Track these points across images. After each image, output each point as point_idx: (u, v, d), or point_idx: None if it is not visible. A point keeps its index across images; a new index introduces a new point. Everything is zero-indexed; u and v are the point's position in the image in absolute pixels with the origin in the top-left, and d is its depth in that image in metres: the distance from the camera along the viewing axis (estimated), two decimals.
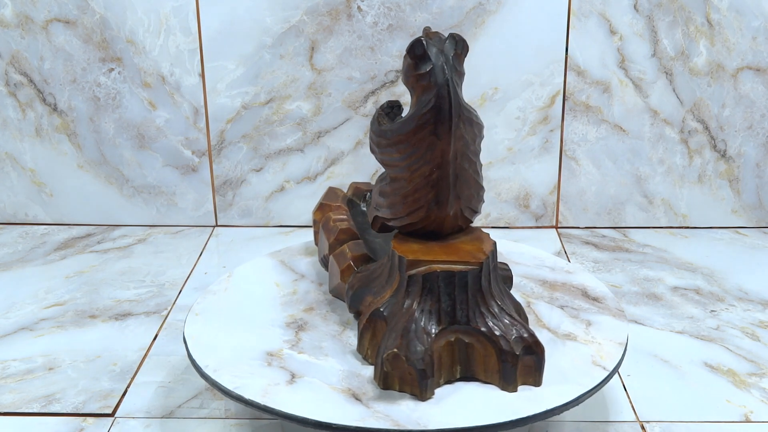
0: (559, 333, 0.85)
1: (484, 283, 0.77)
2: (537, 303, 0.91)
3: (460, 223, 0.83)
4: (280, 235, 1.39)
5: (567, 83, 1.33)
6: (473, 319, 0.77)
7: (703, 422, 0.90)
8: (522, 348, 0.76)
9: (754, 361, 1.02)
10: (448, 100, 0.76)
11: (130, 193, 1.41)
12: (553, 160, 1.38)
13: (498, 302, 0.78)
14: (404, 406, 0.74)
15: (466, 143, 0.79)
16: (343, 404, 0.75)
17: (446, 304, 0.77)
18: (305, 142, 1.37)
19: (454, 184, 0.79)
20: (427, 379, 0.74)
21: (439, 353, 0.76)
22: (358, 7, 1.30)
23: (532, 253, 1.04)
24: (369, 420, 0.73)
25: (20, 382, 0.97)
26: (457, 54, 0.78)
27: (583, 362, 0.80)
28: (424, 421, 0.72)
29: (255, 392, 0.77)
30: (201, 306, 0.92)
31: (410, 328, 0.75)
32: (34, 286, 1.21)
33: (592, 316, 0.89)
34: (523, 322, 0.79)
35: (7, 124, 1.38)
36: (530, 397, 0.75)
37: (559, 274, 0.98)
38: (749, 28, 1.31)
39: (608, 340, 0.84)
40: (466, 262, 0.77)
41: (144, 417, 0.91)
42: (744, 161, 1.38)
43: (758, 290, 1.20)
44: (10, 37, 1.33)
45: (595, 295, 0.93)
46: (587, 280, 0.97)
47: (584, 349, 0.82)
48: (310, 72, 1.34)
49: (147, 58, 1.33)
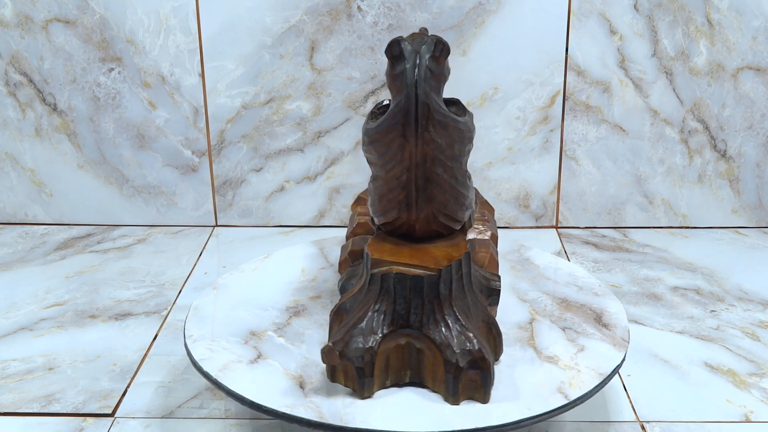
0: (543, 354, 0.83)
1: (443, 291, 0.76)
2: (541, 321, 0.89)
3: (435, 227, 0.81)
4: (280, 235, 1.39)
5: (567, 83, 1.33)
6: (426, 325, 0.76)
7: (703, 422, 0.90)
8: (467, 362, 0.74)
9: (754, 361, 1.02)
10: (415, 102, 0.75)
11: (130, 193, 1.41)
12: (553, 160, 1.38)
13: (457, 312, 0.76)
14: (340, 402, 0.75)
15: (439, 147, 0.77)
16: (285, 390, 0.77)
17: (401, 306, 0.76)
18: (305, 142, 1.37)
19: (423, 187, 0.78)
20: (365, 377, 0.75)
21: (387, 355, 0.76)
22: (358, 7, 1.30)
23: (569, 269, 1.01)
24: (298, 408, 0.74)
25: (20, 382, 0.97)
26: (435, 56, 0.76)
27: (548, 387, 0.77)
28: (349, 418, 0.73)
29: (215, 366, 0.81)
30: (224, 281, 0.98)
31: (359, 325, 0.76)
32: (34, 286, 1.21)
33: (590, 342, 0.85)
34: (479, 336, 0.76)
35: (7, 124, 1.38)
36: (468, 413, 0.74)
37: (584, 295, 0.95)
38: (749, 28, 1.31)
39: (590, 368, 0.80)
40: (425, 267, 0.77)
41: (144, 417, 0.91)
42: (744, 161, 1.38)
43: (758, 290, 1.20)
44: (10, 37, 1.33)
45: (607, 322, 0.89)
46: (610, 304, 0.92)
47: (558, 374, 0.80)
48: (310, 72, 1.34)
49: (147, 58, 1.33)
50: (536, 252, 1.05)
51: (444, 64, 0.77)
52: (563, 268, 1.01)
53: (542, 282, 0.97)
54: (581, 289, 0.96)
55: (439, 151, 0.77)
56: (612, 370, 0.81)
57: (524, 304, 0.92)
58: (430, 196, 0.79)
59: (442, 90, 0.78)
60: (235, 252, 1.33)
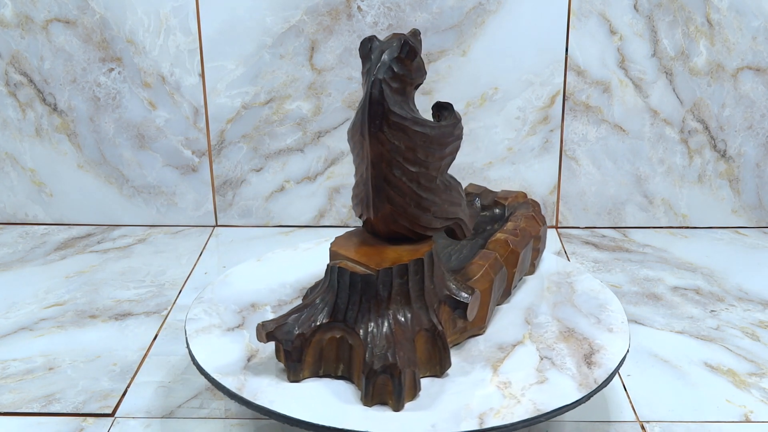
0: (498, 378, 0.79)
1: (381, 292, 0.76)
2: (526, 346, 0.85)
3: (395, 229, 0.80)
4: (280, 235, 1.39)
5: (567, 83, 1.34)
6: (359, 323, 0.77)
7: (703, 422, 0.90)
8: (381, 366, 0.74)
9: (754, 361, 1.02)
10: (369, 101, 0.76)
11: (130, 193, 1.41)
12: (553, 160, 1.38)
13: (391, 315, 0.76)
14: (267, 380, 0.78)
15: (397, 149, 0.77)
16: (233, 359, 0.81)
17: (341, 300, 0.77)
18: (305, 142, 1.37)
19: (380, 187, 0.78)
20: (292, 361, 0.77)
21: (322, 345, 0.77)
22: (358, 7, 1.30)
23: (604, 299, 0.93)
24: (227, 378, 0.78)
25: (20, 382, 0.97)
26: (399, 57, 0.76)
27: (470, 411, 0.74)
28: (260, 395, 0.76)
29: (193, 329, 0.86)
30: (266, 257, 1.02)
31: (300, 311, 0.78)
32: (34, 286, 1.21)
33: (557, 377, 0.80)
34: (405, 344, 0.76)
35: (7, 124, 1.38)
36: (371, 416, 0.74)
37: (596, 329, 0.88)
38: (749, 28, 1.31)
39: (532, 402, 0.76)
40: (368, 266, 0.77)
41: (144, 417, 0.91)
42: (744, 161, 1.38)
43: (758, 290, 1.20)
44: (10, 37, 1.33)
45: (595, 360, 0.82)
46: (614, 344, 0.85)
47: (494, 400, 0.76)
48: (310, 72, 1.34)
49: (147, 58, 1.33)
50: (584, 278, 0.98)
51: (410, 65, 0.77)
52: (600, 298, 0.94)
53: (564, 308, 0.92)
54: (599, 322, 0.89)
55: (396, 153, 0.77)
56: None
57: (526, 326, 0.89)
58: (387, 197, 0.78)
59: (408, 91, 0.77)
60: (235, 252, 1.33)
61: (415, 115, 0.77)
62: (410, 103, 0.78)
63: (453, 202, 0.82)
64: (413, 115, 0.77)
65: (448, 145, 0.79)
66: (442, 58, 1.32)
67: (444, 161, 0.80)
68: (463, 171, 1.38)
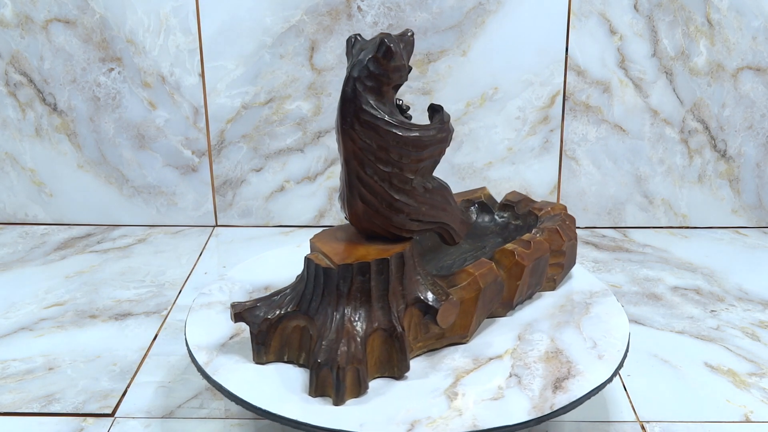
0: (443, 388, 0.78)
1: (341, 287, 0.77)
2: (499, 361, 0.82)
3: (368, 226, 0.81)
4: (280, 235, 1.39)
5: (567, 83, 1.34)
6: (318, 314, 0.78)
7: (703, 422, 0.90)
8: (324, 359, 0.75)
9: (754, 361, 1.02)
10: (341, 98, 0.77)
11: (130, 193, 1.41)
12: (553, 160, 1.38)
13: (347, 311, 0.77)
14: (235, 359, 0.81)
15: (367, 148, 0.77)
16: (214, 335, 0.85)
17: (308, 291, 0.79)
18: (305, 142, 1.37)
19: (353, 185, 0.79)
20: (257, 344, 0.79)
21: (288, 332, 0.80)
22: (358, 7, 1.30)
23: (611, 324, 0.88)
24: (200, 352, 0.82)
25: (20, 382, 0.97)
26: (375, 56, 0.76)
27: (402, 417, 0.74)
28: (219, 372, 0.79)
29: (199, 303, 0.90)
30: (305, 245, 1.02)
31: (273, 297, 0.81)
32: (34, 286, 1.21)
33: (513, 394, 0.77)
34: (352, 340, 0.76)
35: (7, 124, 1.38)
36: (307, 407, 0.74)
37: (584, 355, 0.83)
38: (749, 28, 1.31)
39: (470, 411, 0.74)
40: (332, 260, 0.78)
41: (144, 417, 0.91)
42: (744, 161, 1.38)
43: (758, 290, 1.20)
44: (10, 37, 1.33)
45: (565, 386, 0.78)
46: (595, 372, 0.80)
47: (432, 410, 0.75)
48: (310, 72, 1.34)
49: (147, 58, 1.33)
50: (606, 300, 0.93)
51: (386, 65, 0.76)
52: (611, 322, 0.88)
53: (565, 328, 0.88)
54: (594, 347, 0.84)
55: (368, 152, 0.77)
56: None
57: (514, 341, 0.85)
58: (360, 195, 0.79)
59: (385, 91, 0.77)
60: (235, 252, 1.33)
61: (389, 116, 0.77)
62: (387, 103, 0.78)
63: (434, 206, 0.81)
64: (387, 115, 0.77)
65: (425, 148, 0.79)
66: (442, 58, 1.32)
67: (422, 164, 0.79)
68: (463, 171, 1.38)
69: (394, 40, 0.77)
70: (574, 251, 0.96)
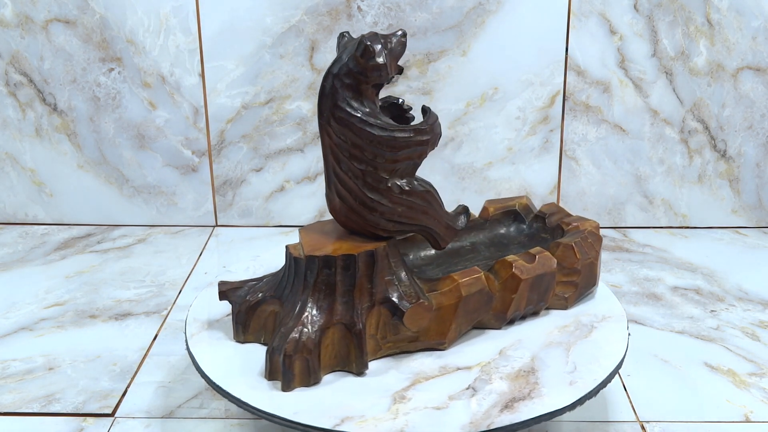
0: (392, 392, 0.78)
1: (308, 278, 0.79)
2: (465, 372, 0.81)
3: (344, 221, 0.82)
4: (280, 235, 1.39)
5: (567, 83, 1.34)
6: (287, 302, 0.81)
7: (703, 422, 0.90)
8: (277, 345, 0.77)
9: (754, 361, 1.02)
10: (320, 93, 0.79)
11: (130, 193, 1.41)
12: (553, 160, 1.38)
13: (309, 302, 0.78)
14: (217, 335, 0.85)
15: (342, 145, 0.78)
16: (211, 314, 0.89)
17: (284, 279, 0.82)
18: (305, 142, 1.37)
19: (330, 180, 0.81)
20: (237, 323, 0.83)
21: (265, 316, 0.83)
22: (358, 7, 1.30)
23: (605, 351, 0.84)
24: (191, 325, 0.87)
25: (20, 382, 0.97)
26: (354, 55, 0.77)
27: (335, 413, 0.74)
28: (197, 349, 0.83)
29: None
30: None
31: (255, 283, 0.85)
32: (34, 286, 1.21)
33: (458, 406, 0.76)
34: (307, 329, 0.77)
35: (7, 124, 1.38)
36: (252, 386, 0.77)
37: (557, 379, 0.79)
38: (749, 28, 1.31)
39: (408, 416, 0.74)
40: (304, 251, 0.80)
41: (144, 417, 0.91)
42: (744, 161, 1.38)
43: (758, 290, 1.20)
44: (10, 37, 1.33)
45: (516, 407, 0.75)
46: (556, 397, 0.77)
47: (368, 411, 0.75)
48: (310, 72, 1.34)
49: (147, 58, 1.33)
50: (614, 326, 0.88)
51: (365, 64, 0.76)
52: (605, 349, 0.84)
53: (554, 349, 0.84)
54: (573, 371, 0.80)
55: (343, 149, 0.78)
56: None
57: (492, 355, 0.83)
58: (336, 190, 0.80)
59: (363, 89, 0.78)
60: (235, 252, 1.33)
61: (365, 115, 0.77)
62: (366, 101, 0.78)
63: (412, 208, 0.81)
64: (363, 114, 0.77)
65: (400, 149, 0.78)
66: (442, 58, 1.32)
67: (398, 164, 0.79)
68: (463, 171, 1.38)
69: (376, 39, 0.77)
70: (594, 271, 0.91)
